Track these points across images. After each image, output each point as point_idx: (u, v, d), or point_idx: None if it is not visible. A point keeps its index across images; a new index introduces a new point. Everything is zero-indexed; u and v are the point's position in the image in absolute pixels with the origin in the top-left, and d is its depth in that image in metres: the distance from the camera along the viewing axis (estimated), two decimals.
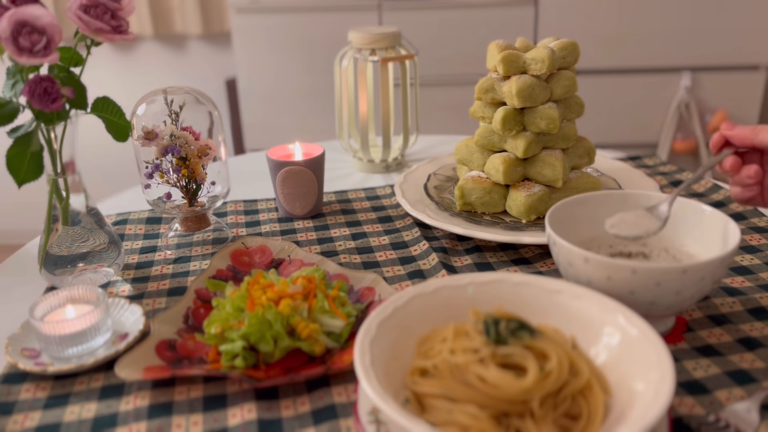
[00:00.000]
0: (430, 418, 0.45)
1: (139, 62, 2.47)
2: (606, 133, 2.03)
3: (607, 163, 0.97)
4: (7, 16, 0.60)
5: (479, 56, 1.92)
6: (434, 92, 2.00)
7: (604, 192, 0.68)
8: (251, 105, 2.08)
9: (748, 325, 0.62)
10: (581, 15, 1.91)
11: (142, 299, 0.71)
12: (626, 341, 0.49)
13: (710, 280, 0.55)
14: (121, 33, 0.67)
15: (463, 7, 1.92)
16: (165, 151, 0.77)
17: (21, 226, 2.57)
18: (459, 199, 0.83)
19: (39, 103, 0.62)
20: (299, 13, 1.96)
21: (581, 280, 0.57)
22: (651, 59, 1.94)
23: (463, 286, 0.55)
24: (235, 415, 0.53)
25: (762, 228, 0.82)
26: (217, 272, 0.71)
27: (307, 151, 0.92)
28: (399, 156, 1.09)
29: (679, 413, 0.51)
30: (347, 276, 0.70)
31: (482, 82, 0.82)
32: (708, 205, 0.63)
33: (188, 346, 0.60)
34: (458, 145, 0.88)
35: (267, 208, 0.94)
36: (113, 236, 0.75)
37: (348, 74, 1.04)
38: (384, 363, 0.47)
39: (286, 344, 0.57)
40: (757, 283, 0.69)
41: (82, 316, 0.59)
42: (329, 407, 0.54)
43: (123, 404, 0.55)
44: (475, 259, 0.77)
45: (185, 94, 0.79)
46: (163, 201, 0.82)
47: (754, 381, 0.54)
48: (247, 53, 2.01)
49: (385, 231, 0.86)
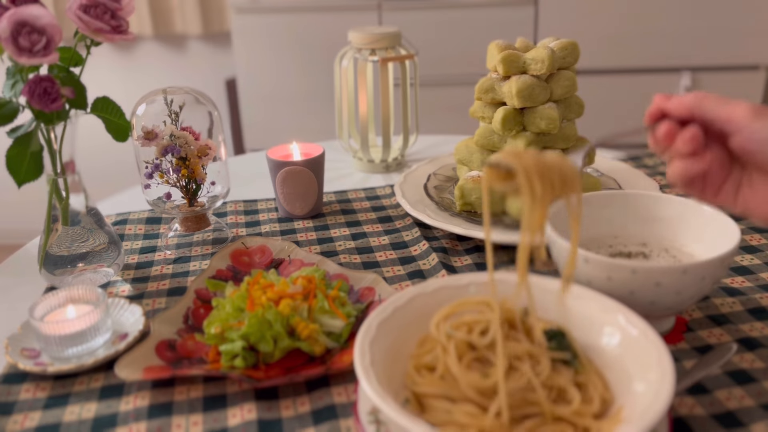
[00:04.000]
0: (430, 418, 0.45)
1: (139, 62, 2.47)
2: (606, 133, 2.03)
3: (607, 163, 0.97)
4: (7, 16, 0.60)
5: (479, 56, 1.92)
6: (434, 92, 2.00)
7: (604, 192, 0.68)
8: (251, 105, 2.08)
9: (748, 325, 0.62)
10: (581, 15, 1.91)
11: (142, 299, 0.71)
12: (626, 341, 0.49)
13: (710, 280, 0.55)
14: (121, 33, 0.67)
15: (463, 7, 1.92)
16: (165, 151, 0.77)
17: (21, 226, 2.57)
18: (459, 199, 0.83)
19: (39, 103, 0.62)
20: (299, 13, 1.96)
21: (581, 280, 0.57)
22: (651, 59, 1.94)
23: (463, 286, 0.55)
24: (235, 415, 0.53)
25: (762, 228, 0.82)
26: (217, 272, 0.71)
27: (306, 151, 0.92)
28: (399, 156, 1.09)
29: (679, 413, 0.51)
30: (347, 276, 0.70)
31: (482, 82, 0.82)
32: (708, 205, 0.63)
33: (188, 346, 0.60)
34: (458, 145, 0.88)
35: (267, 208, 0.94)
36: (113, 236, 0.75)
37: (348, 74, 1.04)
38: (384, 363, 0.47)
39: (286, 344, 0.57)
40: (757, 283, 0.69)
41: (82, 316, 0.59)
42: (329, 407, 0.54)
43: (123, 404, 0.55)
44: (475, 259, 0.77)
45: (185, 94, 0.79)
46: (163, 201, 0.82)
47: (754, 381, 0.54)
48: (247, 53, 2.01)
49: (385, 231, 0.86)
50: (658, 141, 0.52)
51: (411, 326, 0.52)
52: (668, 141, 0.51)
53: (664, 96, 0.52)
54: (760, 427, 0.50)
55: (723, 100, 0.49)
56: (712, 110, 0.49)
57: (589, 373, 0.48)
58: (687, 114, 0.51)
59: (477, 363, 0.47)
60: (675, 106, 0.51)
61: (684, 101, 0.50)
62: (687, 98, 0.50)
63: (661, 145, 0.52)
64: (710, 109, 0.49)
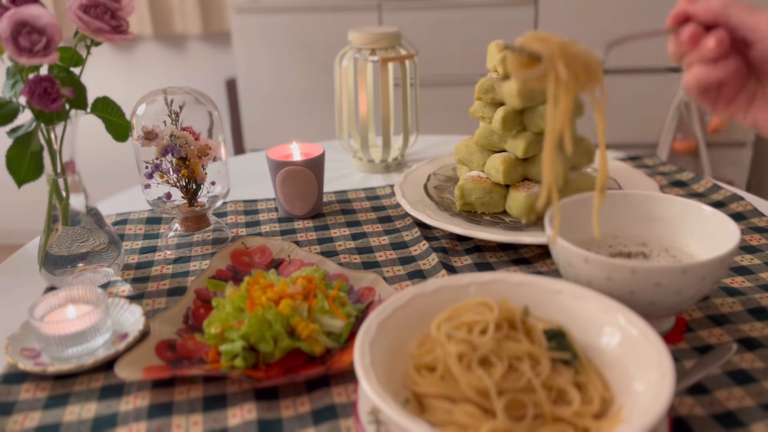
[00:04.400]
0: (430, 418, 0.45)
1: (139, 62, 2.47)
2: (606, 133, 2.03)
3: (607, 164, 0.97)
4: (7, 16, 0.60)
5: (479, 56, 1.91)
6: (434, 92, 2.00)
7: None
8: (251, 105, 2.08)
9: (748, 325, 0.62)
10: (581, 15, 1.91)
11: (142, 299, 0.71)
12: (626, 341, 0.49)
13: (710, 280, 0.55)
14: (121, 33, 0.67)
15: (463, 7, 1.92)
16: (165, 151, 0.77)
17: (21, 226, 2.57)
18: (459, 199, 0.83)
19: (39, 103, 0.62)
20: (299, 13, 1.96)
21: (581, 280, 0.57)
22: (651, 59, 1.94)
23: (463, 286, 0.55)
24: (235, 415, 0.53)
25: (762, 228, 0.82)
26: (217, 272, 0.71)
27: (306, 151, 0.92)
28: (399, 156, 1.09)
29: (679, 413, 0.51)
30: (347, 276, 0.70)
31: (482, 82, 0.82)
32: (708, 205, 0.63)
33: (188, 346, 0.60)
34: (458, 145, 0.88)
35: (267, 208, 0.94)
36: (113, 236, 0.75)
37: (348, 74, 1.04)
38: (384, 363, 0.47)
39: (286, 344, 0.57)
40: (757, 283, 0.69)
41: (82, 316, 0.59)
42: (329, 407, 0.54)
43: (123, 404, 0.55)
44: (475, 259, 0.77)
45: (185, 94, 0.79)
46: (163, 201, 0.82)
47: (754, 381, 0.54)
48: (247, 53, 2.01)
49: (385, 231, 0.86)
50: (681, 43, 0.49)
51: (411, 326, 0.52)
52: (693, 43, 0.49)
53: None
54: (760, 427, 0.50)
55: (750, 7, 0.48)
56: (738, 16, 0.48)
57: (589, 373, 0.48)
58: (712, 18, 0.49)
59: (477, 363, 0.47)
60: (700, 10, 0.49)
61: (710, 5, 0.49)
62: (713, 2, 0.49)
63: (684, 48, 0.50)
64: (736, 15, 0.48)
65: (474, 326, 0.49)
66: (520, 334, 0.49)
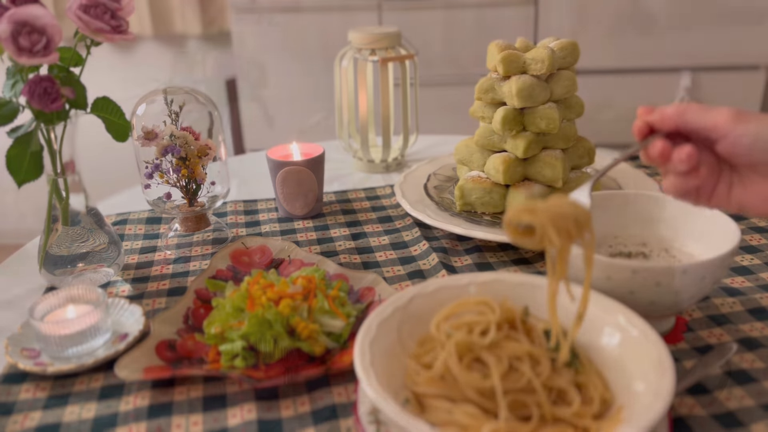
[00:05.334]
0: (430, 418, 0.45)
1: (139, 62, 2.47)
2: (606, 133, 2.03)
3: (607, 164, 0.97)
4: (7, 16, 0.60)
5: (479, 56, 1.91)
6: (434, 92, 2.00)
7: (604, 192, 0.68)
8: (251, 105, 2.08)
9: (748, 325, 0.62)
10: (581, 15, 1.91)
11: (142, 299, 0.71)
12: (626, 341, 0.49)
13: (710, 280, 0.55)
14: (121, 33, 0.67)
15: (463, 7, 1.92)
16: (165, 151, 0.77)
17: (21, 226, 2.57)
18: (459, 199, 0.83)
19: (39, 103, 0.62)
20: (299, 13, 1.96)
21: (581, 280, 0.57)
22: (651, 59, 1.94)
23: (463, 286, 0.55)
24: (235, 415, 0.53)
25: (762, 228, 0.82)
26: (217, 272, 0.71)
27: (306, 151, 0.92)
28: (399, 156, 1.09)
29: (679, 413, 0.51)
30: (347, 276, 0.70)
31: (482, 82, 0.82)
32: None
33: (188, 346, 0.60)
34: (458, 145, 0.88)
35: (267, 208, 0.94)
36: (113, 236, 0.75)
37: (348, 74, 1.04)
38: (384, 363, 0.47)
39: (286, 344, 0.57)
40: (757, 283, 0.69)
41: (82, 316, 0.59)
42: (329, 407, 0.54)
43: (123, 404, 0.55)
44: (475, 259, 0.77)
45: (185, 94, 0.79)
46: (163, 201, 0.82)
47: (754, 381, 0.54)
48: (247, 53, 2.01)
49: (385, 231, 0.86)
50: (652, 159, 0.51)
51: (411, 326, 0.52)
52: (664, 160, 0.51)
53: (647, 109, 0.52)
54: (760, 427, 0.50)
55: (704, 109, 0.49)
56: (694, 121, 0.49)
57: (589, 373, 0.48)
58: (673, 127, 0.51)
59: (477, 363, 0.47)
60: (660, 121, 0.51)
61: (667, 114, 0.50)
62: (669, 111, 0.50)
63: (656, 163, 0.52)
64: (693, 120, 0.49)
65: (474, 327, 0.49)
66: (520, 334, 0.49)
